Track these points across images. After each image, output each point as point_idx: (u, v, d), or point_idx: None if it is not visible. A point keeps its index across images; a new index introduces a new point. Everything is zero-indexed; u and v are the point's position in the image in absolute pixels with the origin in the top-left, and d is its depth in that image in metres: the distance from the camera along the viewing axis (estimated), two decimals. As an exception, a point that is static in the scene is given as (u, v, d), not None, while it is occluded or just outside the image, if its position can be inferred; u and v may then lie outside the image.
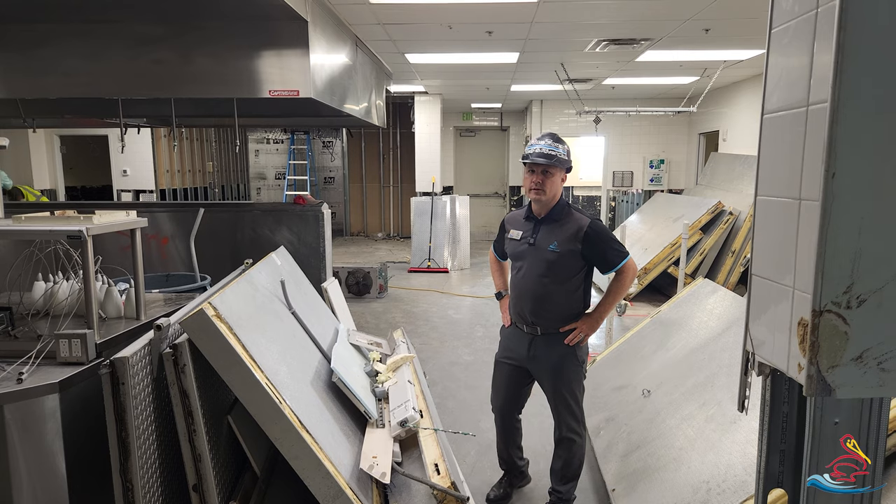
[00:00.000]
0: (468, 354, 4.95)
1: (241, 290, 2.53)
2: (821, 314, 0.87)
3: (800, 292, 0.92)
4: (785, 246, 0.96)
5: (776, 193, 1.01)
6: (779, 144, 1.01)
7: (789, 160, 0.96)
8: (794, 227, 0.94)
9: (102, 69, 3.85)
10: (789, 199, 0.96)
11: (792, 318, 0.93)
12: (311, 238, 4.96)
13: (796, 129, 0.94)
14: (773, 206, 1.02)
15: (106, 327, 2.61)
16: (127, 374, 1.87)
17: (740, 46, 5.59)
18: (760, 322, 1.04)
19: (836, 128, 0.85)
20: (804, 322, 0.89)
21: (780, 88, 1.01)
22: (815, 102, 0.89)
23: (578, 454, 2.60)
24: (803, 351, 0.89)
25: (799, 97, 0.93)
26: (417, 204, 9.01)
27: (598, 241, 2.45)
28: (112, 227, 2.35)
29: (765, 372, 1.05)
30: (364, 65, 5.54)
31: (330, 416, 2.45)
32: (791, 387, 1.05)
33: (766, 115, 1.05)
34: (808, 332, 0.88)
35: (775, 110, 1.03)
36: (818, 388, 0.88)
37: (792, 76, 0.96)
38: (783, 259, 0.97)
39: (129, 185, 8.93)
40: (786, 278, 0.96)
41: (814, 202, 0.88)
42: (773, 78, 1.04)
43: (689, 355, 2.94)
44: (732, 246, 6.27)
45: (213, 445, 2.13)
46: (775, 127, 1.03)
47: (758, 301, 1.05)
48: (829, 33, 0.84)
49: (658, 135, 9.56)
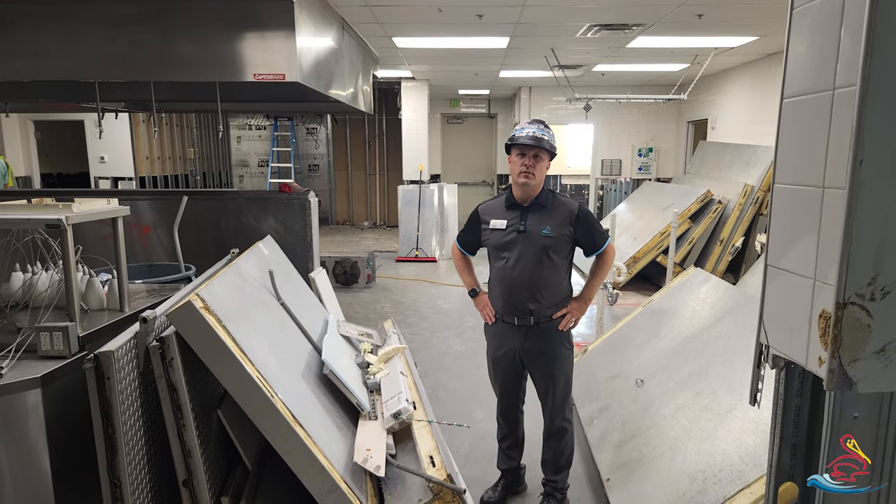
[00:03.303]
0: (459, 345, 4.92)
1: (228, 280, 2.46)
2: (844, 306, 0.84)
3: (821, 283, 0.89)
4: (805, 236, 0.93)
5: (796, 181, 0.97)
6: (800, 130, 0.97)
7: (812, 147, 0.93)
8: (815, 217, 0.90)
9: (78, 51, 3.71)
10: (811, 187, 0.92)
11: (812, 311, 0.90)
12: (297, 227, 4.87)
13: (820, 114, 0.90)
14: (793, 194, 0.99)
15: (88, 319, 2.53)
16: (112, 368, 1.81)
17: (732, 33, 5.56)
18: (776, 314, 1.01)
19: (865, 113, 0.81)
20: (826, 314, 0.86)
21: (802, 71, 0.97)
22: (843, 86, 0.85)
23: (569, 443, 2.59)
24: (824, 344, 0.86)
25: (824, 80, 0.89)
26: (404, 192, 8.93)
27: (588, 224, 2.52)
28: (92, 215, 2.26)
29: (779, 365, 1.02)
30: (351, 48, 5.43)
31: (322, 409, 2.41)
32: (805, 379, 1.02)
33: (786, 100, 1.01)
34: (830, 325, 0.85)
35: (796, 94, 0.99)
36: (839, 382, 0.86)
37: (816, 58, 0.92)
38: (803, 249, 0.94)
39: (106, 173, 8.71)
40: (806, 269, 0.93)
41: (839, 190, 0.85)
42: (795, 60, 0.99)
43: (682, 344, 2.94)
44: (721, 235, 6.30)
45: (203, 440, 2.08)
46: (796, 112, 0.99)
47: (774, 292, 1.02)
48: (859, 13, 0.80)
49: (647, 123, 9.56)
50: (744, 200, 6.17)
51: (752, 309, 2.74)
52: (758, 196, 6.10)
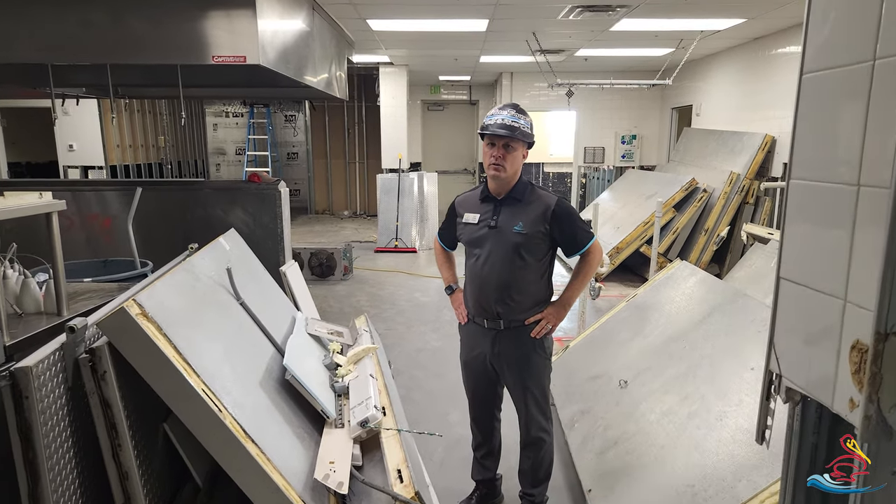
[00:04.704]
0: (436, 340, 4.73)
1: (177, 280, 2.25)
2: (886, 338, 0.66)
3: (855, 307, 0.71)
4: (832, 245, 0.74)
5: (820, 177, 0.78)
6: (825, 113, 0.78)
7: (842, 134, 0.74)
8: (847, 222, 0.72)
9: (22, 30, 3.42)
10: (841, 184, 0.74)
11: (841, 340, 0.72)
12: (267, 219, 4.64)
13: (854, 91, 0.71)
14: (816, 193, 0.80)
15: (23, 325, 2.30)
16: (31, 386, 1.59)
17: (719, 15, 5.37)
18: (792, 339, 0.83)
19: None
20: (861, 347, 0.69)
21: (829, 39, 0.77)
22: (886, 56, 0.66)
23: (549, 453, 2.42)
24: (858, 383, 0.69)
25: (859, 49, 0.70)
26: (383, 181, 8.69)
27: (567, 221, 2.28)
28: (17, 212, 2.02)
29: (794, 399, 0.85)
30: (322, 31, 5.16)
31: (281, 419, 2.22)
32: (822, 415, 0.85)
33: (806, 76, 0.81)
34: (866, 361, 0.67)
35: (820, 68, 0.79)
36: (877, 432, 0.68)
37: (848, 22, 0.73)
38: (830, 262, 0.75)
39: (75, 161, 8.33)
40: (833, 287, 0.75)
41: (881, 189, 0.67)
42: (819, 26, 0.79)
43: (667, 343, 2.78)
44: (706, 224, 6.17)
45: (144, 459, 1.88)
46: (820, 90, 0.79)
47: (789, 312, 0.84)
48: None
49: (630, 109, 9.39)
50: (729, 189, 6.04)
51: (740, 306, 2.59)
52: (743, 184, 5.98)
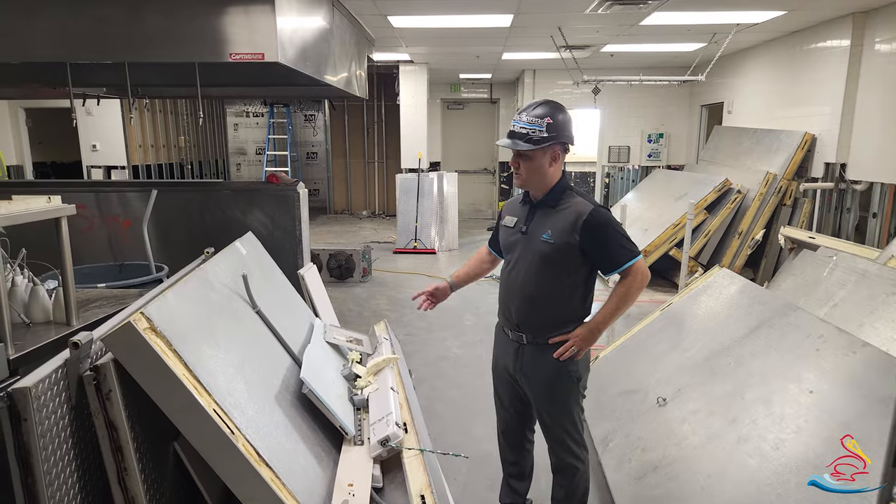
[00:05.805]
0: (457, 347, 4.58)
1: (189, 290, 2.12)
2: None
3: None
4: None
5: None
6: None
7: None
8: None
9: (37, 29, 3.36)
10: None
11: None
12: (286, 221, 4.54)
13: None
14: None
15: (31, 335, 2.21)
16: (30, 407, 1.48)
17: (758, 7, 5.10)
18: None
19: None
20: None
21: None
22: None
23: (583, 481, 2.24)
24: None
25: None
26: (403, 181, 8.57)
27: (600, 234, 2.01)
28: (23, 217, 1.92)
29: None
30: (343, 28, 5.04)
31: (298, 437, 2.09)
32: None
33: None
34: None
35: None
36: None
37: None
38: None
39: (99, 161, 8.40)
40: None
41: None
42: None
43: (710, 359, 2.59)
44: (739, 227, 5.91)
45: (153, 483, 1.76)
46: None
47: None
48: None
49: (657, 107, 9.11)
50: (765, 190, 5.77)
51: (792, 320, 2.38)
52: (780, 185, 5.70)
